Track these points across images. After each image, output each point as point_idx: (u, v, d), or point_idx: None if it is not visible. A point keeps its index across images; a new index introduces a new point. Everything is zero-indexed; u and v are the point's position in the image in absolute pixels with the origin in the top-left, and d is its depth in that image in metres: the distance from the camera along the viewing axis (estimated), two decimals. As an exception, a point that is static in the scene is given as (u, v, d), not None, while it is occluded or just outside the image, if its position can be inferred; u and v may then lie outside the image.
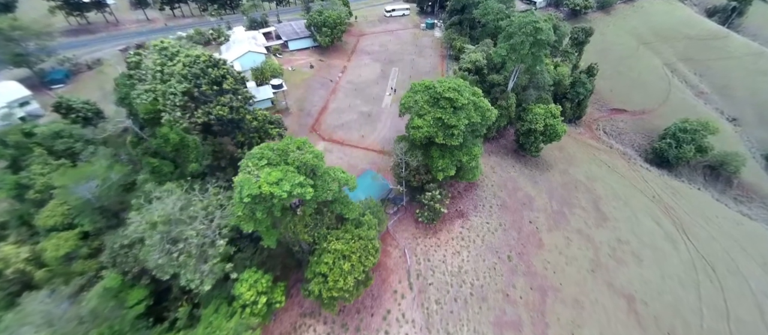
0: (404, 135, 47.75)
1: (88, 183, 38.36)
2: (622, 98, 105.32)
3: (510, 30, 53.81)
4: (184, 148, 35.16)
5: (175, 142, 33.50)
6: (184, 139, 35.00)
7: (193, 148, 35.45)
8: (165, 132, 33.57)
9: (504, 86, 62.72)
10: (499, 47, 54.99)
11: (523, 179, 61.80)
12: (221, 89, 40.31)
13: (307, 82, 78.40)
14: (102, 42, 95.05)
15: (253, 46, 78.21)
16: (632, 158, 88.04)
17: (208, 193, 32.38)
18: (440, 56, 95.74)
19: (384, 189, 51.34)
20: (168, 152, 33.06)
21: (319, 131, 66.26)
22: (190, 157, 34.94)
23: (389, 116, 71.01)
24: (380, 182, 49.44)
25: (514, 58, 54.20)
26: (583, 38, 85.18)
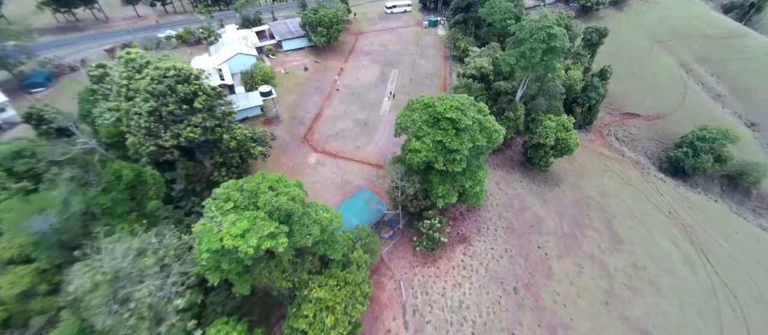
0: (400, 156, 42.57)
1: (44, 215, 33.81)
2: (635, 101, 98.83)
3: (520, 36, 47.94)
4: (142, 184, 30.39)
5: (128, 179, 28.76)
6: (141, 174, 30.20)
7: (152, 184, 30.69)
8: (117, 168, 28.81)
9: (512, 94, 57.05)
10: (508, 54, 49.17)
11: (531, 197, 56.57)
12: (192, 108, 35.25)
13: (301, 87, 73.00)
14: (90, 40, 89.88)
15: (243, 47, 72.72)
16: (646, 167, 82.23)
17: (166, 240, 27.66)
18: (443, 57, 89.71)
19: (379, 212, 46.45)
20: (121, 190, 28.42)
21: (311, 142, 61.17)
22: (149, 193, 30.24)
23: (387, 125, 65.64)
24: (374, 206, 44.48)
25: (524, 67, 48.45)
26: (597, 39, 78.69)
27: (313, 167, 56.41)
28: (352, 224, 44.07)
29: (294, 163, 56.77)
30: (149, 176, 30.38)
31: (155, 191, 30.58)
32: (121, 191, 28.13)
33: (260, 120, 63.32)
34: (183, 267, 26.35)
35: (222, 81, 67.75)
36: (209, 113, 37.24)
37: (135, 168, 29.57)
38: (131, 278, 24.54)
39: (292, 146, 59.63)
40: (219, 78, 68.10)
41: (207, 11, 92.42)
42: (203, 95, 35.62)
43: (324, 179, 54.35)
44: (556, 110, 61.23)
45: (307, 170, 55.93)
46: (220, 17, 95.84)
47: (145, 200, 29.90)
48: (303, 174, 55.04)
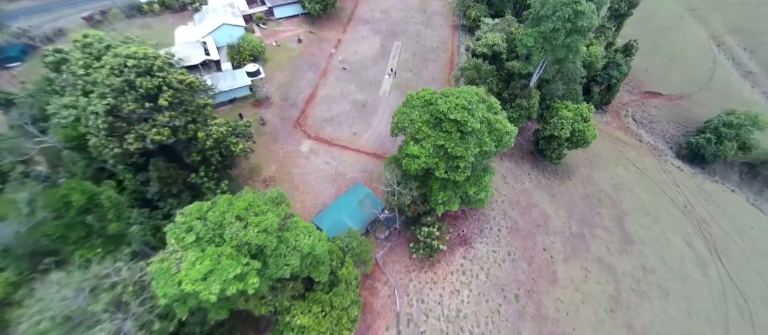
0: (397, 157, 37.94)
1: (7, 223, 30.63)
2: (659, 78, 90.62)
3: (541, 12, 40.86)
4: (97, 207, 26.53)
5: (80, 205, 24.80)
6: (94, 197, 26.17)
7: (110, 206, 26.81)
8: (65, 193, 24.74)
9: (526, 78, 50.72)
10: (525, 34, 42.40)
11: (539, 192, 52.38)
12: (156, 106, 30.41)
13: (294, 62, 66.49)
14: (68, 5, 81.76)
15: (229, 16, 65.34)
16: (663, 154, 76.68)
17: (124, 272, 24.32)
18: (451, 27, 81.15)
19: (375, 211, 42.79)
20: (73, 217, 24.63)
21: (304, 127, 56.28)
22: (108, 215, 26.52)
23: (387, 108, 60.09)
24: (368, 208, 40.62)
25: (544, 50, 41.95)
26: (625, 10, 69.59)
27: (305, 156, 52.13)
28: (344, 226, 40.74)
29: (285, 151, 52.44)
30: (105, 198, 26.48)
31: (115, 213, 26.95)
32: (74, 216, 24.59)
33: (249, 102, 58.06)
34: (143, 307, 23.35)
35: (207, 56, 61.68)
36: (179, 110, 32.42)
37: (86, 191, 25.58)
38: (85, 321, 21.68)
39: (284, 131, 54.93)
40: (203, 52, 61.94)
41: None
42: (169, 90, 30.59)
43: (317, 171, 50.31)
44: (574, 94, 55.04)
45: (300, 159, 51.72)
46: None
47: (106, 223, 26.43)
48: (295, 164, 50.97)
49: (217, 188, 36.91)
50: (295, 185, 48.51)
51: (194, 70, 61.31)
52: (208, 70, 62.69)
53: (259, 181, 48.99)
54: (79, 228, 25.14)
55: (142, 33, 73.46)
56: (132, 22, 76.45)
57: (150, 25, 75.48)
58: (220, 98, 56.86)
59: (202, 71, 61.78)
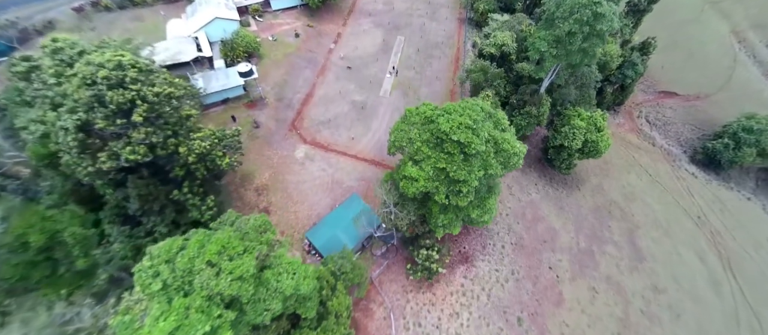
0: (393, 174, 34.93)
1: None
2: (675, 77, 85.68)
3: (555, 13, 36.86)
4: (60, 245, 24.03)
5: (39, 245, 22.27)
6: (56, 235, 23.61)
7: (75, 242, 24.30)
8: (22, 234, 22.16)
9: (536, 82, 46.99)
10: (538, 37, 38.49)
11: (546, 204, 49.39)
12: (130, 122, 27.56)
13: (291, 59, 62.90)
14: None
15: (222, 9, 61.45)
16: (677, 159, 72.82)
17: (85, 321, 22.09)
18: (458, 20, 76.52)
19: (371, 226, 40.12)
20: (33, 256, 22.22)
21: (300, 130, 53.26)
22: (73, 252, 24.05)
23: (387, 110, 56.77)
24: (364, 224, 37.91)
25: (558, 56, 38.15)
26: (645, 5, 64.58)
27: (300, 162, 49.35)
28: (338, 242, 38.34)
29: (279, 157, 49.66)
30: (69, 235, 23.98)
31: (82, 249, 24.52)
32: (35, 255, 22.26)
33: (243, 102, 54.95)
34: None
35: (199, 53, 58.31)
36: (158, 124, 29.56)
37: (47, 230, 23.09)
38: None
39: (278, 135, 51.99)
40: (195, 48, 58.56)
41: None
42: (144, 105, 27.61)
43: (312, 178, 47.62)
44: (588, 98, 51.23)
45: (294, 166, 48.97)
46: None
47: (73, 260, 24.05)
48: (289, 171, 48.26)
49: (203, 204, 34.42)
50: (289, 194, 45.97)
51: (186, 67, 58.27)
52: (200, 67, 59.48)
53: (251, 189, 46.49)
54: (42, 267, 22.87)
55: (133, 26, 70.13)
56: (123, 13, 72.94)
57: (142, 17, 71.86)
58: (213, 99, 53.93)
59: (194, 68, 58.64)
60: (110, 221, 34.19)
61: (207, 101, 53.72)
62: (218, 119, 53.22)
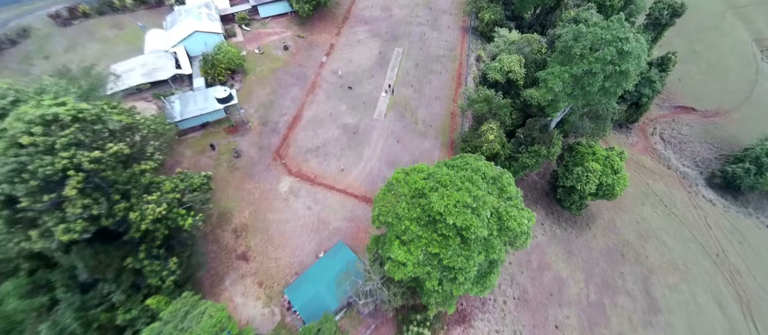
0: (377, 244, 29.70)
1: None
2: (693, 91, 79.12)
3: (573, 48, 31.09)
4: None
5: None
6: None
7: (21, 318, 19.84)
8: None
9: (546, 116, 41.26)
10: (551, 73, 32.71)
11: (554, 248, 44.41)
12: (61, 196, 22.59)
13: (278, 75, 57.29)
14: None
15: (203, 21, 55.58)
16: (693, 183, 67.09)
17: None
18: (461, 29, 70.03)
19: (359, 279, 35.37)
20: None
21: (285, 159, 48.14)
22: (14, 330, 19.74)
23: (382, 135, 51.37)
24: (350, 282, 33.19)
25: (575, 96, 32.54)
26: (667, 19, 57.93)
27: (284, 197, 44.44)
28: (321, 302, 33.80)
29: (261, 191, 44.76)
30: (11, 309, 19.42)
31: None
32: None
33: (224, 126, 49.75)
34: None
35: (178, 70, 52.91)
36: (101, 191, 24.58)
37: None
38: None
39: (261, 165, 46.95)
40: (174, 65, 53.13)
41: None
42: (78, 176, 22.45)
43: (296, 218, 42.78)
44: (603, 132, 45.54)
45: (278, 202, 44.09)
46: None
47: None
48: (271, 208, 43.42)
49: (165, 267, 29.80)
50: (270, 237, 41.27)
51: (164, 85, 53.03)
52: (180, 84, 54.21)
53: (229, 230, 41.79)
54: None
55: (112, 35, 64.51)
56: (102, 19, 67.26)
57: (121, 24, 66.19)
58: (191, 123, 48.81)
59: (172, 86, 53.39)
60: (63, 284, 29.83)
61: (184, 126, 48.68)
62: (196, 145, 48.22)
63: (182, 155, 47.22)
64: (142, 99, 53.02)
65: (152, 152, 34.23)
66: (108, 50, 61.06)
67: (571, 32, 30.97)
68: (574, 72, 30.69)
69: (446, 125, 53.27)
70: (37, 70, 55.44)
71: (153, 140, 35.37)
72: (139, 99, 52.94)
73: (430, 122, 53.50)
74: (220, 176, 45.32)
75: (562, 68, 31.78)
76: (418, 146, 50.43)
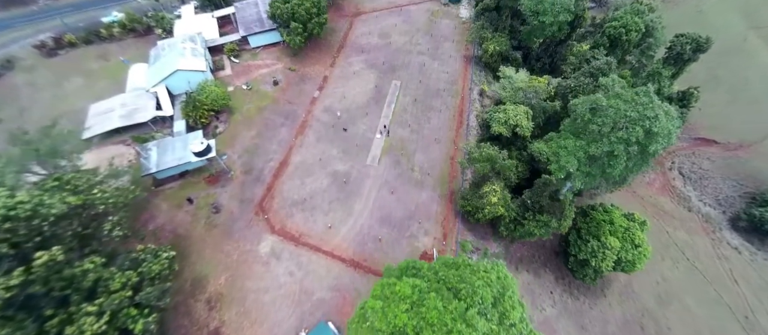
0: None
1: None
2: (715, 121, 72.61)
3: (590, 122, 25.85)
4: None
5: None
6: None
7: None
8: None
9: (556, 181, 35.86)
10: (563, 148, 27.51)
11: (564, 323, 38.99)
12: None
13: (266, 114, 52.92)
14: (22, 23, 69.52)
15: (186, 57, 51.31)
16: (717, 227, 60.83)
17: None
18: (464, 58, 64.85)
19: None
20: None
21: (268, 214, 43.59)
22: None
23: (375, 185, 46.55)
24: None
25: (592, 175, 27.39)
26: (690, 55, 52.01)
27: (265, 261, 39.91)
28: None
29: (240, 253, 40.32)
30: None
31: None
32: None
33: (204, 176, 45.52)
34: None
35: (158, 112, 48.92)
36: (26, 311, 20.37)
37: None
38: None
39: (242, 221, 42.54)
40: (154, 106, 49.18)
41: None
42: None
43: (277, 286, 38.20)
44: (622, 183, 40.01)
45: (257, 266, 39.59)
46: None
47: None
48: (250, 274, 38.90)
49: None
50: (247, 309, 36.78)
51: (144, 127, 49.11)
52: (161, 125, 50.24)
53: (202, 300, 37.41)
54: None
55: (96, 67, 60.85)
56: (88, 49, 63.86)
57: (107, 55, 62.66)
58: (169, 172, 44.69)
59: (153, 128, 49.46)
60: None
61: (161, 176, 44.60)
62: (173, 198, 44.05)
63: (158, 208, 43.11)
64: (121, 142, 49.19)
65: (111, 229, 30.22)
66: (91, 85, 57.59)
67: (587, 104, 25.79)
68: (592, 152, 25.51)
69: (445, 173, 48.25)
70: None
71: (113, 214, 31.30)
72: (118, 142, 49.15)
73: (428, 169, 48.54)
74: (197, 236, 41.06)
75: (577, 143, 26.62)
76: (415, 198, 45.50)
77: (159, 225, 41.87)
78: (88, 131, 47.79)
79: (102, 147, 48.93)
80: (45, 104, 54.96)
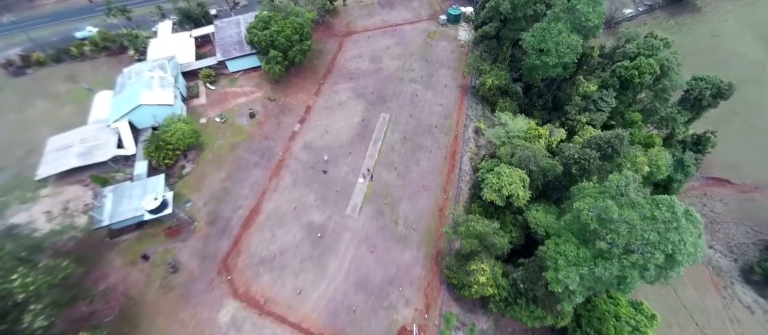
0: None
1: None
2: (729, 158, 66.67)
3: (598, 238, 20.49)
4: None
5: None
6: None
7: None
8: None
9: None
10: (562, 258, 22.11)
11: None
12: None
13: (239, 152, 47.76)
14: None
15: (153, 89, 45.99)
16: (728, 282, 55.44)
17: None
18: (460, 89, 58.98)
19: None
20: None
21: (232, 274, 38.59)
22: None
23: (353, 242, 41.33)
24: None
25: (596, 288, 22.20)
26: (710, 101, 46.17)
27: (223, 333, 35.16)
28: None
29: (197, 322, 35.40)
30: None
31: None
32: None
33: (163, 228, 40.53)
34: None
35: (119, 151, 43.96)
36: None
37: None
38: None
39: (202, 282, 37.63)
40: (116, 143, 44.23)
41: (117, 12, 59.42)
42: None
43: (235, 364, 33.51)
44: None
45: (215, 339, 34.87)
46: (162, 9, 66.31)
47: None
48: (206, 349, 34.21)
49: None
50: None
51: (104, 165, 44.21)
52: (124, 163, 45.32)
53: (149, 381, 32.86)
54: None
55: (63, 90, 55.86)
56: (57, 69, 58.87)
57: (76, 76, 57.63)
58: (125, 222, 39.84)
59: (114, 167, 44.56)
60: None
61: (117, 226, 39.74)
62: (128, 252, 39.16)
63: (110, 265, 38.32)
64: (79, 182, 44.39)
65: (31, 320, 25.53)
66: (55, 111, 52.69)
67: (594, 210, 20.44)
68: (598, 273, 20.21)
69: (433, 227, 43.03)
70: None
71: (36, 302, 26.58)
72: (76, 181, 44.35)
73: (414, 222, 43.34)
74: (150, 300, 36.28)
75: (580, 253, 21.36)
76: (397, 258, 40.39)
77: (110, 285, 37.15)
78: (44, 169, 43.14)
79: (59, 186, 44.22)
80: (5, 132, 50.23)
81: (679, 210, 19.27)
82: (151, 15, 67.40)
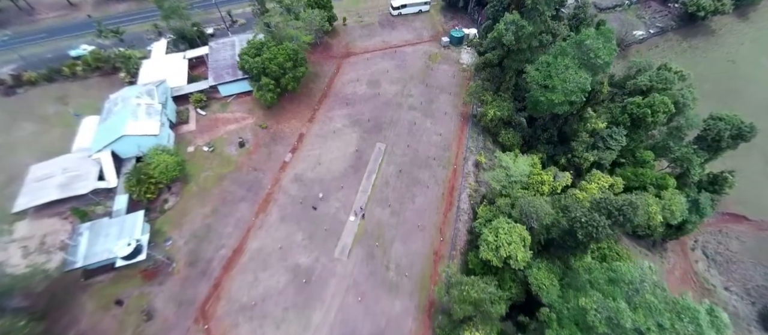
0: None
1: None
2: (747, 192, 62.16)
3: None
4: None
5: None
6: None
7: None
8: None
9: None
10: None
11: None
12: None
13: (225, 185, 45.22)
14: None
15: (139, 120, 43.78)
16: (745, 329, 51.29)
17: None
18: (460, 118, 55.92)
19: None
20: None
21: (209, 322, 35.91)
22: None
23: (340, 288, 38.29)
24: None
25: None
26: (729, 143, 42.52)
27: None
28: None
29: (168, 379, 32.78)
30: None
31: None
32: None
33: (140, 269, 37.95)
34: None
35: (100, 183, 41.72)
36: None
37: None
38: None
39: (176, 332, 34.79)
40: (97, 175, 42.02)
41: (108, 32, 57.69)
42: None
43: None
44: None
45: (186, 398, 32.02)
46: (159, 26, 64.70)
47: None
48: (177, 408, 31.39)
49: None
50: None
51: (85, 197, 41.97)
52: (106, 195, 43.08)
53: None
54: None
55: (53, 111, 54.12)
56: (49, 88, 57.30)
57: (67, 96, 56.00)
58: (100, 263, 37.41)
59: (95, 200, 42.31)
60: None
61: (92, 267, 37.34)
62: (102, 296, 36.63)
63: (82, 309, 35.83)
64: (58, 214, 42.22)
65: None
66: (41, 134, 50.94)
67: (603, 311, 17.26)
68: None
69: (427, 273, 39.88)
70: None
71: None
72: (55, 214, 42.20)
73: (407, 267, 40.22)
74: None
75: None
76: (386, 308, 37.26)
77: (81, 332, 34.65)
78: (22, 200, 41.05)
79: (38, 218, 42.09)
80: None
81: (704, 321, 16.03)
82: (147, 33, 65.86)
